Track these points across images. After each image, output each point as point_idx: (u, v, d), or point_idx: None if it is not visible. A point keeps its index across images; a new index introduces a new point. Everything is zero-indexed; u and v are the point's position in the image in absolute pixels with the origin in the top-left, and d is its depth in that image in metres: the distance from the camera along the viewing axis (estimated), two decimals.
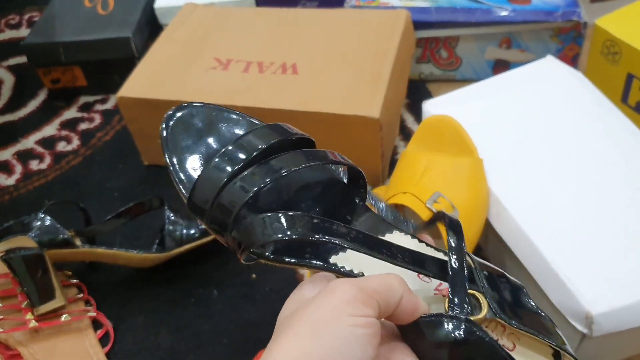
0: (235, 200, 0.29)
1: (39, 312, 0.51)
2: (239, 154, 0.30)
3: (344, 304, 0.24)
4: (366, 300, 0.24)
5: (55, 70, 0.77)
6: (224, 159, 0.30)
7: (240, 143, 0.30)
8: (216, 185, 0.29)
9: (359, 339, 0.23)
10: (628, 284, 0.41)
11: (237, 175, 0.29)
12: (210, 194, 0.29)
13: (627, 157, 0.49)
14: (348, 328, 0.23)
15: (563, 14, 0.66)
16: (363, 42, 0.64)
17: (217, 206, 0.29)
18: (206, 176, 0.30)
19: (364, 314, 0.24)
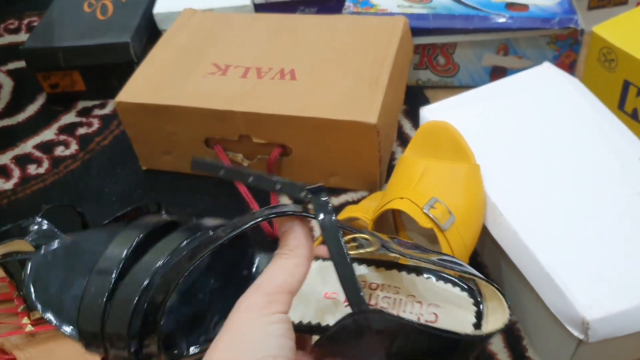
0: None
1: (35, 316, 0.51)
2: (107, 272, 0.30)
3: (256, 312, 0.26)
4: (273, 299, 0.26)
5: (54, 74, 0.78)
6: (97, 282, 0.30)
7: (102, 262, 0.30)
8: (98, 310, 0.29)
9: (274, 333, 0.25)
10: (624, 289, 0.41)
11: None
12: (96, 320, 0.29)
13: (623, 163, 0.49)
14: (263, 328, 0.25)
15: (560, 21, 0.66)
16: (361, 48, 0.64)
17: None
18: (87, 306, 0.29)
19: (274, 311, 0.26)
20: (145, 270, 0.29)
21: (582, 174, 0.49)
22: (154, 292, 0.28)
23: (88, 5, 0.83)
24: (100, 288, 0.29)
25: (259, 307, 0.26)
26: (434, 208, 0.45)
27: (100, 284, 0.30)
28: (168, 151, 0.66)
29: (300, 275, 0.27)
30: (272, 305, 0.26)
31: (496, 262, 0.52)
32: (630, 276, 0.42)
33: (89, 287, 0.30)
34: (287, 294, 0.27)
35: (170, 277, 0.28)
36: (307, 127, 0.58)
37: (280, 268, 0.27)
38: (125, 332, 0.28)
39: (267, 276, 0.27)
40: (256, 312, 0.26)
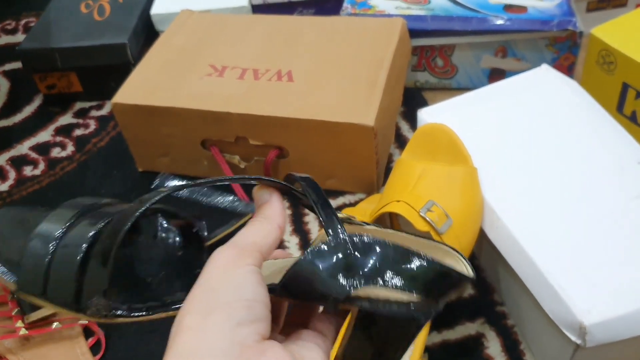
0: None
1: (29, 319, 0.51)
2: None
3: (228, 264, 0.26)
4: (246, 253, 0.27)
5: (51, 75, 0.77)
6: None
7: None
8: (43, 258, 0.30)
9: (245, 280, 0.26)
10: (622, 294, 0.41)
11: None
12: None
13: (621, 166, 0.49)
14: (236, 276, 0.26)
15: (559, 24, 0.66)
16: (359, 50, 0.64)
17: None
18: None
19: (245, 263, 0.26)
20: (84, 232, 0.30)
21: (580, 177, 0.48)
22: (102, 241, 0.29)
23: (85, 6, 0.82)
24: (42, 247, 0.30)
25: (232, 259, 0.26)
26: (430, 211, 0.45)
27: (42, 242, 0.30)
28: (164, 153, 0.66)
29: (271, 240, 0.28)
30: (245, 257, 0.27)
31: (493, 265, 0.52)
32: (628, 281, 0.42)
33: (32, 246, 0.30)
34: (258, 252, 0.27)
35: (117, 226, 0.29)
36: (304, 129, 0.58)
37: (254, 229, 0.28)
38: (72, 281, 0.29)
39: (241, 234, 0.28)
40: (230, 263, 0.26)
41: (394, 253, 0.26)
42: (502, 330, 0.50)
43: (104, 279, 0.28)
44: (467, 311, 0.52)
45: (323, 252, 0.27)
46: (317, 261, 0.27)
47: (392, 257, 0.26)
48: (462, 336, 0.50)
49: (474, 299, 0.53)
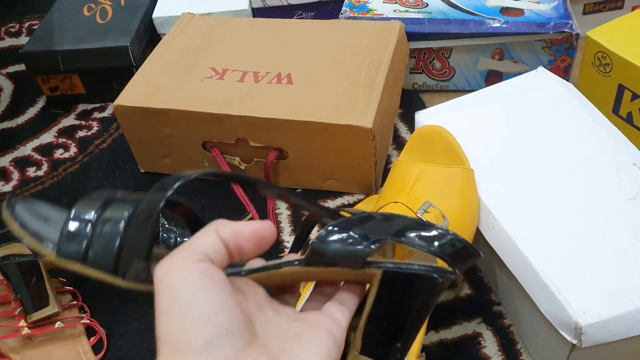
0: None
1: (32, 319, 0.51)
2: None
3: (172, 266, 0.25)
4: (189, 256, 0.26)
5: (54, 78, 0.78)
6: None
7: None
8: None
9: (197, 288, 0.24)
10: (618, 294, 0.41)
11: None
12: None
13: (617, 168, 0.49)
14: (184, 282, 0.24)
15: (555, 26, 0.66)
16: (357, 53, 0.65)
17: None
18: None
19: (192, 265, 0.25)
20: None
21: (577, 179, 0.49)
22: (139, 214, 0.30)
23: (88, 9, 0.83)
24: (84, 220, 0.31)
25: (176, 263, 0.25)
26: (427, 212, 0.46)
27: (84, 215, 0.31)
28: (166, 154, 0.67)
29: (206, 241, 0.27)
30: (190, 261, 0.25)
31: (490, 266, 0.53)
32: (624, 281, 0.42)
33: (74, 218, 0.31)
34: (200, 252, 0.26)
35: (153, 199, 0.30)
36: (304, 131, 0.59)
37: (205, 230, 0.27)
38: (113, 251, 0.30)
39: (192, 239, 0.27)
40: (178, 269, 0.25)
41: (413, 222, 0.29)
42: (499, 330, 0.51)
43: (145, 244, 0.29)
44: (464, 311, 0.52)
45: (350, 220, 0.29)
46: (344, 227, 0.29)
47: (412, 225, 0.29)
48: (459, 335, 0.51)
49: (471, 298, 0.53)
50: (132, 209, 0.31)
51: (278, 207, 0.63)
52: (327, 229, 0.29)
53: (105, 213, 0.31)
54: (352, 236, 0.29)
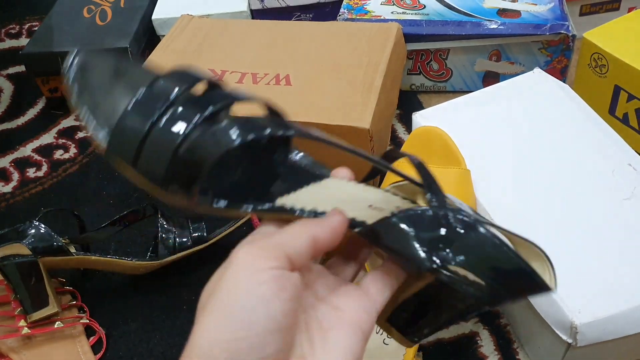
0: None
1: (32, 319, 0.52)
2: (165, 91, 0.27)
3: (247, 259, 0.24)
4: (265, 255, 0.24)
5: (53, 79, 0.78)
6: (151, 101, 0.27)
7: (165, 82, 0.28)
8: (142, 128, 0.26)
9: (260, 295, 0.23)
10: (612, 294, 0.42)
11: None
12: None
13: (613, 168, 0.50)
14: (248, 287, 0.23)
15: (551, 27, 0.67)
16: (355, 54, 0.65)
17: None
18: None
19: (268, 263, 0.24)
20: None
21: (573, 179, 0.49)
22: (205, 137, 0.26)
23: (87, 11, 0.83)
24: (145, 115, 0.26)
25: (254, 258, 0.24)
26: None
27: (145, 110, 0.27)
28: None
29: (300, 243, 0.25)
30: (269, 260, 0.24)
31: None
32: (619, 281, 0.42)
33: (135, 107, 0.27)
34: (282, 253, 0.24)
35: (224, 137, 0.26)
36: None
37: (283, 230, 0.26)
38: (164, 166, 0.26)
39: (265, 233, 0.26)
40: (252, 265, 0.24)
41: (491, 242, 0.26)
42: (496, 329, 0.51)
43: (198, 172, 0.26)
44: None
45: (426, 216, 0.26)
46: (417, 223, 0.26)
47: (488, 244, 0.26)
48: (456, 335, 0.51)
49: None
50: (206, 115, 0.26)
51: None
52: (399, 216, 0.26)
53: (180, 105, 0.26)
54: (418, 240, 0.26)
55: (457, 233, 0.26)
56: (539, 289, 0.26)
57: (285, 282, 0.24)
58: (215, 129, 0.26)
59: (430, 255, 0.26)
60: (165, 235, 0.56)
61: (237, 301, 0.23)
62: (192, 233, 0.57)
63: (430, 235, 0.26)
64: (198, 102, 0.27)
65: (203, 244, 0.57)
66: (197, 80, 0.29)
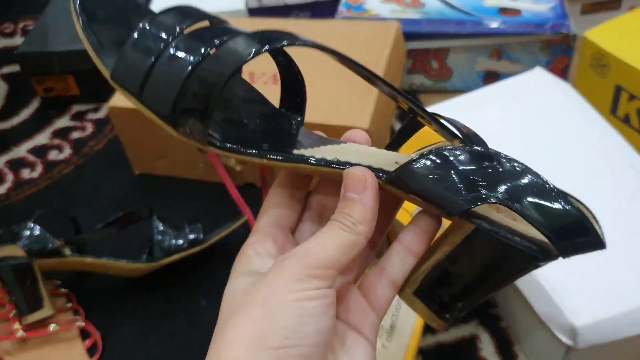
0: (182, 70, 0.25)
1: (27, 321, 0.51)
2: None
3: (294, 283, 0.23)
4: (318, 274, 0.23)
5: (48, 79, 0.78)
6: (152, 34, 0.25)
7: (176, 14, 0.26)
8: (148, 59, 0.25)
9: (311, 312, 0.23)
10: (612, 296, 0.41)
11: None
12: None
13: (613, 168, 0.49)
14: (300, 303, 0.23)
15: (552, 27, 0.66)
16: (354, 53, 0.64)
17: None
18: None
19: (315, 286, 0.23)
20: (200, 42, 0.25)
21: (573, 179, 0.49)
22: (212, 64, 0.24)
23: None
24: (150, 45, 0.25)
25: (297, 278, 0.23)
26: None
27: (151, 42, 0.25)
28: (161, 156, 0.66)
29: (352, 256, 0.24)
30: (313, 280, 0.23)
31: None
32: (618, 283, 0.42)
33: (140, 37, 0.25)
34: (332, 270, 0.24)
35: (230, 57, 0.24)
36: None
37: (334, 240, 0.24)
38: (173, 95, 0.25)
39: (315, 245, 0.24)
40: (294, 284, 0.23)
41: (541, 185, 0.23)
42: (496, 331, 0.51)
43: (207, 103, 0.24)
44: None
45: (467, 152, 0.24)
46: (455, 160, 0.24)
47: (538, 187, 0.23)
48: (456, 338, 0.51)
49: None
50: (214, 46, 0.25)
51: None
52: (429, 157, 0.24)
53: (184, 39, 0.25)
54: (454, 180, 0.23)
55: (505, 172, 0.23)
56: (595, 245, 0.24)
57: (331, 300, 0.24)
58: (227, 46, 0.24)
59: (467, 194, 0.23)
60: (161, 237, 0.56)
61: (287, 312, 0.23)
62: (189, 235, 0.56)
63: (469, 173, 0.23)
64: (205, 34, 0.26)
65: (199, 246, 0.56)
66: (203, 16, 0.28)
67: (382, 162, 0.26)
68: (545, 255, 0.24)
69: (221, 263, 0.58)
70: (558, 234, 0.23)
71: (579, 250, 0.24)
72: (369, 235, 0.25)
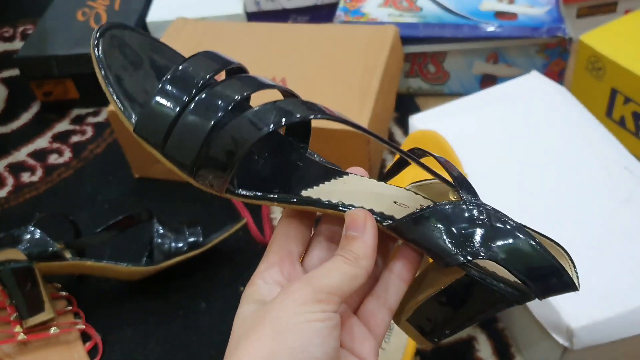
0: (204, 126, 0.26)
1: (27, 324, 0.51)
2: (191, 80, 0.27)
3: (302, 305, 0.25)
4: (324, 298, 0.25)
5: (47, 83, 0.78)
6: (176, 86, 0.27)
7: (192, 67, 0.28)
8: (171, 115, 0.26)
9: (318, 332, 0.24)
10: (609, 297, 0.42)
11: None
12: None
13: (609, 171, 0.50)
14: (308, 324, 0.24)
15: (548, 30, 0.67)
16: (352, 57, 0.65)
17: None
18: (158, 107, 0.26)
19: (322, 310, 0.25)
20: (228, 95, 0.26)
21: (569, 183, 0.49)
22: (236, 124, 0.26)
23: (82, 14, 0.83)
24: (178, 96, 0.26)
25: (304, 301, 0.25)
26: None
27: (179, 93, 0.26)
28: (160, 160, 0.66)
29: (354, 287, 0.26)
30: (320, 303, 0.25)
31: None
32: (615, 284, 0.42)
33: (165, 88, 0.26)
34: (337, 297, 0.25)
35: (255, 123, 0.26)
36: None
37: (337, 270, 0.26)
38: (194, 152, 0.26)
39: (321, 273, 0.26)
40: (302, 306, 0.25)
41: (523, 240, 0.26)
42: (493, 333, 0.51)
43: (228, 163, 0.26)
44: None
45: (461, 209, 0.26)
46: (452, 216, 0.26)
47: (523, 242, 0.26)
48: (453, 340, 0.51)
49: None
50: (236, 101, 0.26)
51: (273, 212, 0.63)
52: (426, 214, 0.26)
53: (210, 90, 0.26)
54: (450, 235, 0.26)
55: (493, 228, 0.26)
56: (567, 288, 0.27)
57: (336, 323, 0.25)
58: (248, 115, 0.26)
59: (461, 249, 0.26)
60: (161, 240, 0.56)
61: (295, 333, 0.24)
62: (188, 238, 0.56)
63: (463, 229, 0.26)
64: (226, 88, 0.27)
65: (199, 249, 0.56)
66: (225, 64, 0.29)
67: (381, 205, 0.28)
68: (524, 298, 0.27)
69: (221, 266, 0.59)
70: (537, 286, 0.26)
71: (549, 293, 0.27)
72: (370, 270, 0.27)
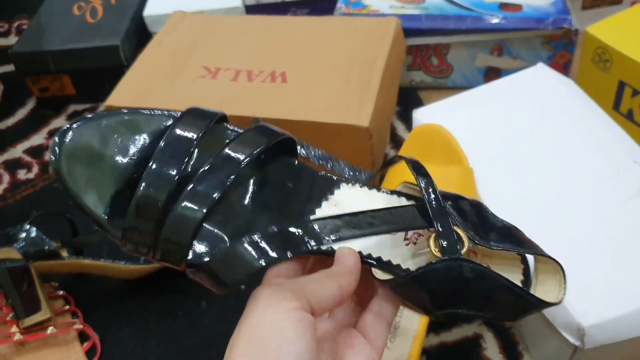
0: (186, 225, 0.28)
1: (24, 324, 0.51)
2: (169, 169, 0.29)
3: (272, 300, 0.25)
4: (296, 297, 0.26)
5: (44, 78, 0.77)
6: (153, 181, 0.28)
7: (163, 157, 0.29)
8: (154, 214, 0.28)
9: (292, 324, 0.25)
10: (619, 295, 0.41)
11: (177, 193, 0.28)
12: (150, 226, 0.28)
13: (617, 166, 0.49)
14: (280, 323, 0.25)
15: (554, 22, 0.66)
16: (353, 50, 0.64)
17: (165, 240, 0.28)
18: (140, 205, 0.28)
19: (294, 307, 0.25)
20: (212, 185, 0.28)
21: (577, 177, 0.48)
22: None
23: (78, 8, 0.82)
24: (162, 187, 0.28)
25: (279, 296, 0.25)
26: None
27: (161, 183, 0.28)
28: None
29: (327, 294, 0.27)
30: (290, 300, 0.25)
31: None
32: (626, 281, 0.42)
33: (149, 180, 0.28)
34: (305, 298, 0.26)
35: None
36: (299, 130, 0.58)
37: (310, 277, 0.27)
38: (187, 241, 0.28)
39: (293, 280, 0.27)
40: (271, 305, 0.25)
41: (498, 290, 0.28)
42: (500, 331, 0.50)
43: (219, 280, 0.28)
44: None
45: (438, 270, 0.28)
46: (428, 281, 0.28)
47: (497, 291, 0.28)
48: (459, 338, 0.50)
49: None
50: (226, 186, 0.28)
51: None
52: (411, 275, 0.28)
53: (192, 177, 0.29)
54: (432, 295, 0.29)
55: (466, 284, 0.28)
56: (543, 308, 0.30)
57: (310, 322, 0.26)
58: (238, 251, 0.28)
59: (440, 308, 0.29)
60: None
61: (265, 340, 0.25)
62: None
63: (440, 290, 0.28)
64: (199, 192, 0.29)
65: None
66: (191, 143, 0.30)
67: (369, 248, 0.30)
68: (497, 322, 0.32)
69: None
70: (508, 315, 0.30)
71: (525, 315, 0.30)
72: (344, 285, 0.28)
